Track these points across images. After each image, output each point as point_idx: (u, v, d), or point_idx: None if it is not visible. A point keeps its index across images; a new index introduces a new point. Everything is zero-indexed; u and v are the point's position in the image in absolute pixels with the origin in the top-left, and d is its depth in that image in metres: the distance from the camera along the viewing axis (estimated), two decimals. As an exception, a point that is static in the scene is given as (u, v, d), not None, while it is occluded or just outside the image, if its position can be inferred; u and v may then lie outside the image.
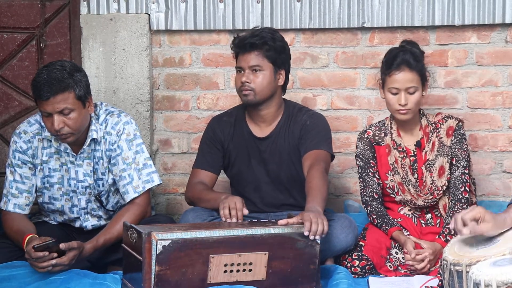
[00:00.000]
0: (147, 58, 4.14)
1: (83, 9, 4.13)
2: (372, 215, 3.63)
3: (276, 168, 3.64)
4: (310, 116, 3.63)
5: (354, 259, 3.46)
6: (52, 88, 3.22)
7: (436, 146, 3.59)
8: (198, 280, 2.95)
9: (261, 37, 3.52)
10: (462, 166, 3.57)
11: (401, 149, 3.62)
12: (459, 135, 3.59)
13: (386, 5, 4.05)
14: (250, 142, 3.65)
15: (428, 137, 3.61)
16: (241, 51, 3.54)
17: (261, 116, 3.62)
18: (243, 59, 3.53)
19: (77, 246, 3.18)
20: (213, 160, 3.67)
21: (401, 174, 3.60)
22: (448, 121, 3.61)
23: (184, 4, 4.12)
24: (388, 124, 3.67)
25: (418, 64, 3.52)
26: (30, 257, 3.11)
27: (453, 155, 3.57)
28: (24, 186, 3.44)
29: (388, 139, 3.64)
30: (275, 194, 3.66)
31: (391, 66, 3.51)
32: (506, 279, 2.45)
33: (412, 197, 3.59)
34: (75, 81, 3.28)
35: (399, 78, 3.49)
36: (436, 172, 3.58)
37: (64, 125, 3.27)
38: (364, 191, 3.66)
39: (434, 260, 3.44)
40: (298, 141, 3.59)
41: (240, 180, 3.70)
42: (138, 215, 3.42)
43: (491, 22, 4.02)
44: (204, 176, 3.65)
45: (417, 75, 3.51)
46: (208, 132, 3.72)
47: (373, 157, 3.65)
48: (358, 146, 3.70)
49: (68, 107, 3.25)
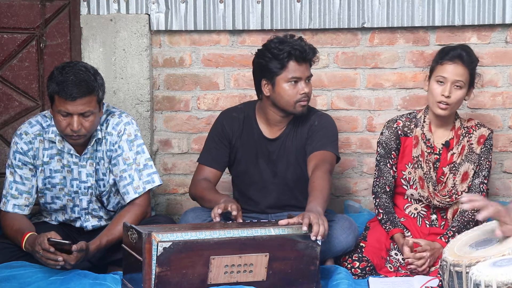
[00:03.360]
0: (147, 58, 4.14)
1: (83, 9, 4.13)
2: (379, 209, 3.60)
3: (283, 169, 3.63)
4: (318, 116, 3.63)
5: (354, 260, 3.46)
6: (81, 90, 3.22)
7: (465, 151, 3.57)
8: (198, 281, 2.96)
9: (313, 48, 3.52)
10: (483, 176, 3.57)
11: (429, 144, 3.59)
12: (488, 145, 3.59)
13: (386, 6, 4.05)
14: (259, 142, 3.64)
15: (458, 140, 3.58)
16: (300, 61, 3.48)
17: (282, 120, 3.60)
18: (300, 69, 3.47)
19: (85, 248, 3.19)
20: (219, 156, 3.66)
21: (424, 169, 3.57)
22: (481, 129, 3.60)
23: (184, 5, 4.12)
24: (421, 116, 3.63)
25: (471, 64, 3.51)
26: (40, 247, 3.10)
27: (479, 163, 3.57)
28: (24, 187, 3.44)
29: (418, 131, 3.60)
30: (279, 195, 3.66)
31: (446, 55, 3.50)
32: (506, 279, 2.45)
33: (429, 194, 3.57)
34: (98, 84, 3.29)
35: (450, 69, 3.47)
36: (459, 177, 3.56)
37: (81, 126, 3.27)
38: (377, 181, 3.63)
39: (433, 259, 3.44)
40: (305, 141, 3.59)
41: (244, 179, 3.70)
42: (139, 216, 3.43)
43: (491, 23, 4.02)
44: (208, 172, 3.64)
45: (468, 73, 3.49)
46: (217, 127, 3.70)
47: (396, 149, 3.62)
48: (383, 133, 3.65)
49: (91, 109, 3.26)
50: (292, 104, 3.49)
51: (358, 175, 4.22)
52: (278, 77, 3.47)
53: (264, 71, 3.51)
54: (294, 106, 3.50)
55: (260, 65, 3.53)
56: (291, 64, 3.46)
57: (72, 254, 3.13)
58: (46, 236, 3.12)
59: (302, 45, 3.47)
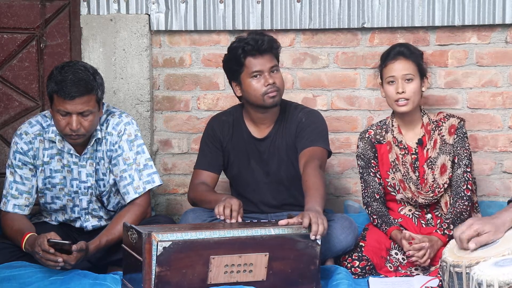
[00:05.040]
0: (147, 58, 4.14)
1: (83, 9, 4.13)
2: (373, 216, 3.63)
3: (275, 168, 3.64)
4: (305, 113, 3.63)
5: (354, 260, 3.46)
6: (80, 89, 3.22)
7: (438, 144, 3.60)
8: (198, 280, 2.95)
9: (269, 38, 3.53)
10: (464, 165, 3.58)
11: (402, 146, 3.62)
12: (461, 134, 3.60)
13: (386, 6, 4.05)
14: (249, 143, 3.65)
15: (429, 135, 3.62)
16: (256, 54, 3.49)
17: (265, 117, 3.61)
18: (259, 62, 3.49)
19: (85, 248, 3.19)
20: (214, 159, 3.67)
21: (402, 171, 3.61)
22: (450, 120, 3.63)
23: (184, 5, 4.12)
24: (389, 122, 3.68)
25: (413, 55, 3.58)
26: (40, 248, 3.11)
27: (455, 153, 3.58)
28: (24, 187, 3.44)
29: (389, 136, 3.65)
30: (275, 194, 3.66)
31: (388, 56, 3.59)
32: (508, 279, 2.45)
33: (412, 194, 3.59)
34: (97, 84, 3.29)
35: (395, 67, 3.55)
36: (438, 170, 3.58)
37: (80, 126, 3.27)
38: (365, 191, 3.67)
39: (433, 251, 3.43)
40: (294, 139, 3.59)
41: (239, 181, 3.70)
42: (139, 216, 3.43)
43: (491, 23, 4.02)
44: (205, 176, 3.65)
45: (413, 64, 3.56)
46: (208, 131, 3.72)
47: (374, 157, 3.66)
48: (359, 146, 3.70)
49: (90, 109, 3.26)
50: (261, 98, 3.50)
51: (358, 175, 4.20)
52: (242, 75, 3.52)
53: (230, 73, 3.58)
54: (263, 99, 3.50)
55: (225, 69, 3.61)
56: (248, 60, 3.49)
57: (72, 254, 3.13)
58: (46, 237, 3.12)
59: (255, 38, 3.49)
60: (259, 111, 3.59)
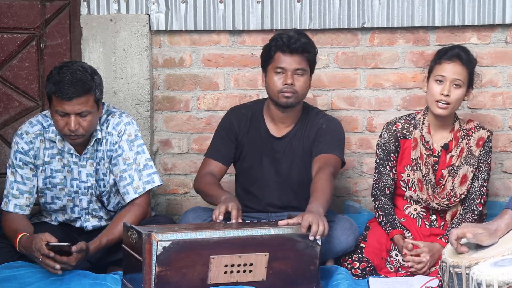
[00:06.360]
0: (147, 58, 4.14)
1: (83, 9, 4.13)
2: (379, 211, 3.60)
3: (287, 169, 3.64)
4: (327, 120, 3.64)
5: (354, 261, 3.46)
6: (77, 89, 3.22)
7: (464, 153, 3.56)
8: (198, 280, 2.96)
9: (306, 41, 3.52)
10: (483, 179, 3.56)
11: (428, 146, 3.57)
12: (487, 147, 3.57)
13: (386, 6, 4.05)
14: (265, 140, 3.65)
15: (457, 142, 3.57)
16: (286, 52, 3.49)
17: (285, 117, 3.62)
18: (286, 60, 3.50)
19: (85, 248, 3.19)
20: (226, 151, 3.68)
21: (423, 171, 3.56)
22: (480, 131, 3.58)
23: (184, 5, 4.12)
24: (420, 118, 3.62)
25: (469, 63, 3.50)
26: (40, 253, 3.10)
27: (477, 166, 3.56)
28: (25, 187, 3.44)
29: (417, 133, 3.59)
30: (281, 194, 3.66)
31: (445, 55, 3.50)
32: (508, 279, 2.46)
33: (428, 197, 3.56)
34: (96, 84, 3.29)
35: (448, 68, 3.47)
36: (458, 179, 3.55)
37: (79, 126, 3.27)
38: (377, 183, 3.63)
39: (433, 261, 3.44)
40: (312, 143, 3.59)
41: (248, 176, 3.70)
42: (139, 216, 3.43)
43: (491, 23, 4.02)
44: (214, 166, 3.66)
45: (467, 71, 3.49)
46: (225, 122, 3.72)
47: (396, 151, 3.61)
48: (382, 136, 3.65)
49: (88, 109, 3.27)
50: (276, 94, 3.52)
51: (358, 175, 4.22)
52: (269, 67, 3.55)
53: (262, 61, 3.61)
54: (278, 96, 3.52)
55: (261, 56, 3.63)
56: (277, 55, 3.51)
57: (72, 255, 3.13)
58: (42, 240, 3.11)
59: (290, 36, 3.50)
60: (279, 109, 3.59)
